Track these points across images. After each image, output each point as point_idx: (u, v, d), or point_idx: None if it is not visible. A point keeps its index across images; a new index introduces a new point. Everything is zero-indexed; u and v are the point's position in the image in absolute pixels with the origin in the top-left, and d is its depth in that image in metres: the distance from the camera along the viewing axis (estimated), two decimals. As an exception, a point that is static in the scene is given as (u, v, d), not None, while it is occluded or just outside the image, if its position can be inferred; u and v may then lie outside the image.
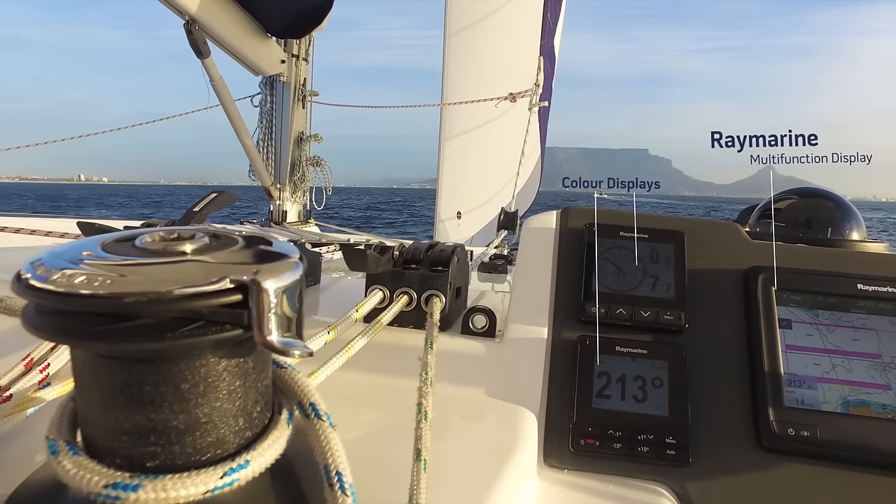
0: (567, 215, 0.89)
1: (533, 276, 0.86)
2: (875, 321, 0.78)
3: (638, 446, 0.72)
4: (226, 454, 0.35)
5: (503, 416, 0.74)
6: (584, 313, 0.80)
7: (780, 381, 0.75)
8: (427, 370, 0.68)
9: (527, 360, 0.81)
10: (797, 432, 0.71)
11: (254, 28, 2.69)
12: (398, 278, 0.85)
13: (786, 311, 0.79)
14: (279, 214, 3.25)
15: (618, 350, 0.78)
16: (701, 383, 0.76)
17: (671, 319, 0.79)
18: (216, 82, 2.65)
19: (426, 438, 0.58)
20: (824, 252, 0.86)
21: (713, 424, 0.74)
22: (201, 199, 1.05)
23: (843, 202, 1.06)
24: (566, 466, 0.73)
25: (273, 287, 0.32)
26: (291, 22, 2.84)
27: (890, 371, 0.75)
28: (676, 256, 0.83)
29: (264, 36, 2.81)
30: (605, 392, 0.75)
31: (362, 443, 0.67)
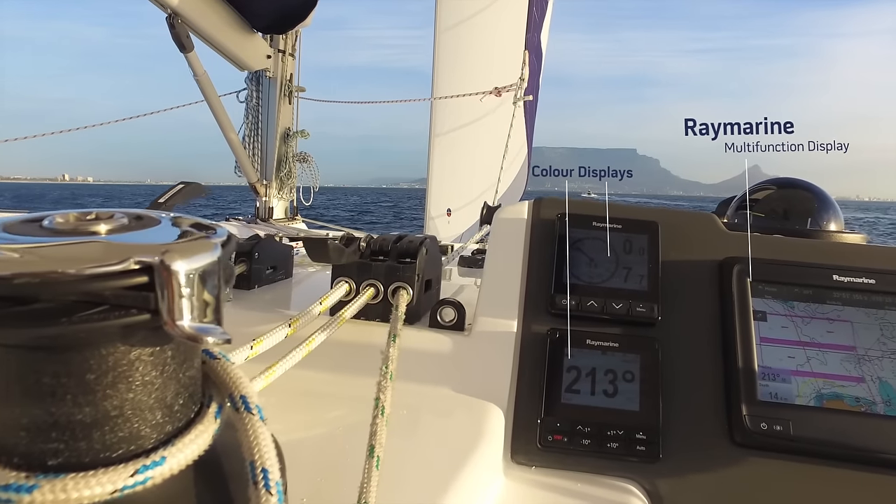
0: (539, 206, 0.87)
1: (503, 268, 0.84)
2: (850, 312, 0.77)
3: (607, 442, 0.70)
4: (140, 450, 0.32)
5: (468, 411, 0.72)
6: (555, 306, 0.78)
7: (754, 374, 0.73)
8: (388, 364, 0.66)
9: (495, 354, 0.79)
10: (770, 427, 0.70)
11: (238, 23, 2.66)
12: (364, 270, 0.83)
13: (761, 302, 0.78)
14: (265, 211, 3.22)
15: (588, 343, 0.76)
16: (673, 377, 0.75)
17: (644, 312, 0.77)
18: (200, 77, 2.62)
19: (381, 434, 0.56)
20: (800, 243, 0.85)
21: (685, 419, 0.72)
22: (168, 190, 1.03)
23: (821, 193, 1.05)
24: (534, 463, 0.71)
25: (184, 269, 0.30)
26: (276, 17, 2.81)
27: (864, 363, 0.74)
28: (650, 247, 0.81)
29: (249, 31, 2.78)
30: (574, 387, 0.73)
31: (318, 439, 0.65)
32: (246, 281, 1.01)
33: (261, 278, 1.05)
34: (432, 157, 4.39)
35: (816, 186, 1.06)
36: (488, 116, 3.68)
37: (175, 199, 1.05)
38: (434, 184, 4.51)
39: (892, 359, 0.74)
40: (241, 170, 3.15)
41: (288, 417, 0.69)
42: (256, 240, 1.04)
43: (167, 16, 2.32)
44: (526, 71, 2.50)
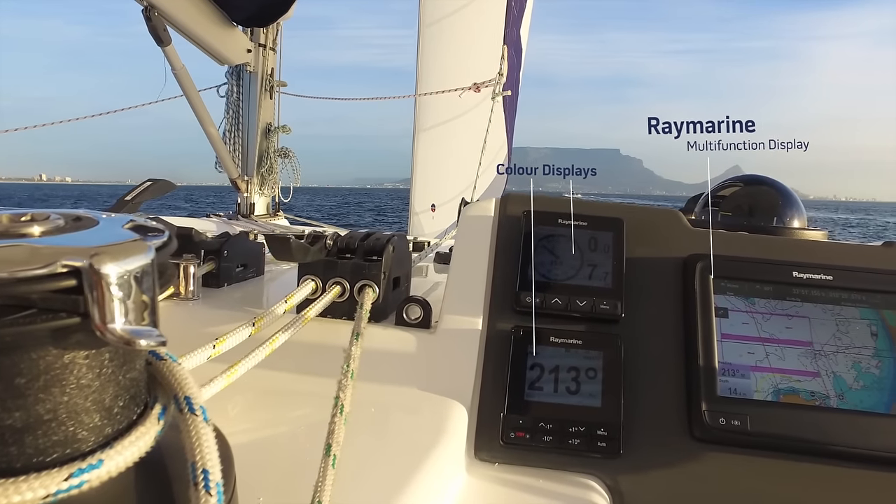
0: (506, 202, 0.88)
1: (469, 266, 0.85)
2: (808, 309, 0.79)
3: (569, 438, 0.71)
4: (77, 454, 0.32)
5: (431, 409, 0.72)
6: (519, 303, 0.79)
7: (714, 370, 0.74)
8: (349, 362, 0.66)
9: (460, 351, 0.79)
10: (728, 422, 0.71)
11: (217, 16, 2.62)
12: (330, 268, 0.83)
13: (723, 299, 0.79)
14: (247, 207, 3.20)
15: (552, 341, 0.76)
16: (636, 373, 0.76)
17: (607, 309, 0.78)
18: (178, 71, 2.58)
19: (339, 433, 0.56)
20: (763, 240, 0.86)
21: (647, 415, 0.74)
22: (135, 188, 1.02)
23: (785, 190, 1.07)
24: (497, 460, 0.71)
25: (115, 271, 0.29)
26: (256, 10, 2.78)
27: (820, 358, 0.76)
28: (615, 244, 0.82)
29: (229, 24, 2.74)
30: (537, 384, 0.74)
31: (280, 437, 0.65)
32: (215, 279, 1.01)
33: (230, 276, 1.04)
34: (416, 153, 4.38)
35: (781, 184, 1.08)
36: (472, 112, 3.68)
37: (142, 196, 1.04)
38: (418, 179, 4.50)
39: (845, 353, 0.76)
40: (221, 165, 3.11)
41: (251, 416, 0.69)
42: (226, 238, 1.04)
43: (143, 8, 2.28)
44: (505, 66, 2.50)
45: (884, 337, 0.76)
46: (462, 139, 4.15)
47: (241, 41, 2.93)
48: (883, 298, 0.78)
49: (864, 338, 0.76)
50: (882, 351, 0.75)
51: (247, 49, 2.98)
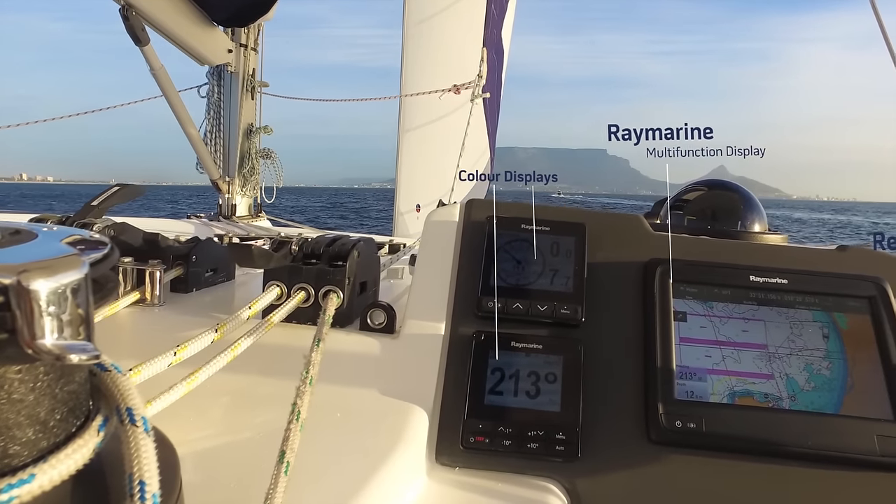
0: (471, 208, 0.89)
1: (432, 271, 0.85)
2: (764, 312, 0.80)
3: (528, 443, 0.72)
4: (7, 469, 0.32)
5: (392, 414, 0.73)
6: (481, 308, 0.79)
7: (672, 374, 0.76)
8: (309, 368, 0.67)
9: (423, 356, 0.80)
10: (684, 424, 0.73)
11: (197, 15, 2.60)
12: (295, 273, 0.83)
13: (682, 303, 0.81)
14: (228, 208, 3.18)
15: (513, 345, 0.77)
16: (596, 378, 0.77)
17: (568, 313, 0.79)
18: (157, 71, 2.56)
19: (294, 440, 0.57)
20: (722, 244, 0.88)
21: (605, 418, 0.75)
22: (102, 193, 1.01)
23: (747, 194, 1.09)
24: (457, 464, 0.72)
25: (46, 287, 0.30)
26: (237, 10, 2.76)
27: (774, 361, 0.77)
28: (577, 249, 0.83)
29: (209, 24, 2.72)
30: (497, 388, 0.75)
31: (238, 444, 0.66)
32: (183, 284, 1.01)
33: (199, 281, 1.04)
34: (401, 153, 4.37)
35: (743, 188, 1.10)
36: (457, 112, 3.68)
37: (109, 201, 1.04)
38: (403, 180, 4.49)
39: (798, 356, 0.77)
40: (202, 166, 3.10)
41: (210, 423, 0.70)
42: (195, 242, 1.03)
43: (120, 7, 2.26)
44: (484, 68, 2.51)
45: (834, 339, 0.78)
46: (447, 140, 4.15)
47: (221, 41, 2.91)
48: (834, 301, 0.80)
49: (816, 340, 0.78)
50: (832, 353, 0.77)
51: (227, 49, 2.96)
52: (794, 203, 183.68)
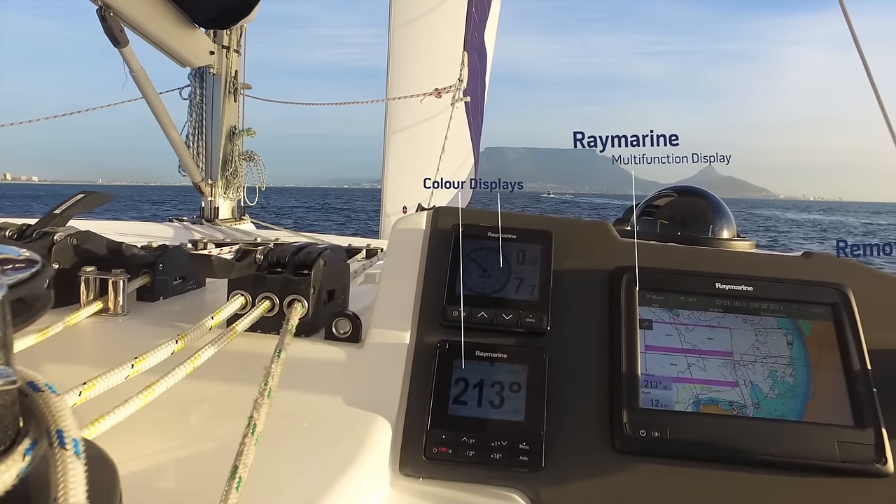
0: (437, 215, 0.88)
1: (398, 279, 0.85)
2: (729, 319, 0.80)
3: (491, 453, 0.71)
4: None
5: (354, 425, 0.72)
6: (446, 317, 0.79)
7: (637, 382, 0.75)
8: (268, 380, 0.66)
9: (387, 366, 0.79)
10: (648, 433, 0.72)
11: (177, 17, 2.58)
12: (260, 283, 0.82)
13: (648, 311, 0.80)
14: (211, 211, 3.15)
15: (477, 355, 0.77)
16: (561, 386, 0.76)
17: (533, 322, 0.78)
18: (136, 73, 2.53)
19: (248, 454, 0.56)
20: (689, 251, 0.88)
21: (570, 428, 0.74)
22: (66, 200, 0.99)
23: (716, 200, 1.09)
24: (421, 475, 0.71)
25: None
26: (218, 12, 2.73)
27: (739, 368, 0.77)
28: (543, 257, 0.83)
29: (190, 26, 2.70)
30: (461, 398, 0.74)
31: (190, 459, 0.64)
32: (149, 293, 0.99)
33: (167, 289, 1.02)
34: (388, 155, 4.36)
35: (713, 195, 1.10)
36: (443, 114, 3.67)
37: (73, 209, 1.02)
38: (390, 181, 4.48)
39: (763, 363, 0.77)
40: (184, 169, 3.07)
41: (168, 437, 0.68)
42: (162, 250, 1.02)
43: (98, 8, 2.23)
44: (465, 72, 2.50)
45: (798, 346, 0.78)
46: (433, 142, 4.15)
47: (203, 43, 2.89)
48: (799, 308, 0.80)
49: (781, 347, 0.78)
50: (796, 359, 0.77)
51: (209, 51, 2.94)
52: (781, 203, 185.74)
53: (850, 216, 66.74)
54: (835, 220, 52.64)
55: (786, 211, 78.59)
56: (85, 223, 2.65)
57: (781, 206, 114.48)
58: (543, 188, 61.47)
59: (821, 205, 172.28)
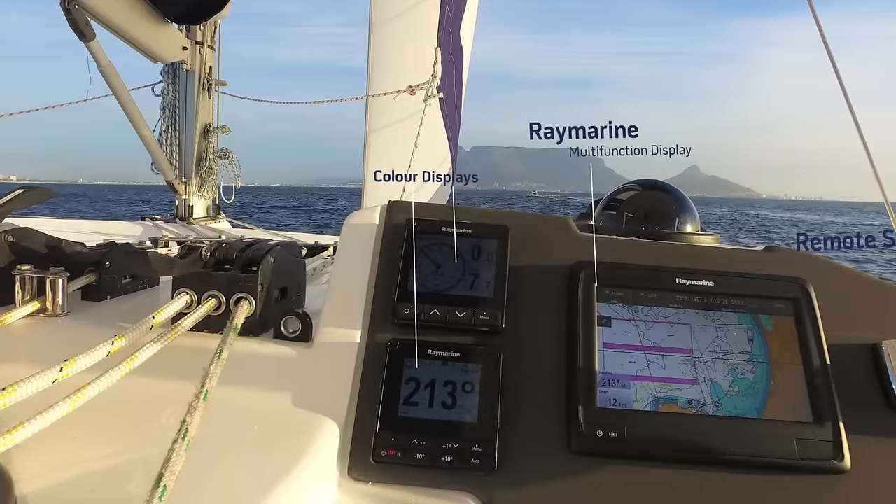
0: (392, 210, 0.85)
1: (349, 276, 0.81)
2: (690, 315, 0.78)
3: (442, 455, 0.68)
4: None
5: (299, 427, 0.69)
6: (397, 315, 0.76)
7: (594, 381, 0.73)
8: (205, 382, 0.62)
9: (337, 366, 0.76)
10: (605, 433, 0.70)
11: (147, 11, 2.52)
12: (205, 280, 0.79)
13: (606, 307, 0.78)
14: (185, 210, 3.08)
15: (429, 354, 0.74)
16: (516, 386, 0.74)
17: (487, 320, 0.76)
18: (104, 68, 2.47)
19: (175, 461, 0.52)
20: (650, 245, 0.86)
21: (525, 429, 0.72)
22: (4, 196, 0.95)
23: (679, 194, 1.07)
24: (370, 479, 0.68)
25: None
26: (190, 7, 2.68)
27: (699, 365, 0.75)
28: (499, 253, 0.80)
29: (161, 20, 2.64)
30: (412, 399, 0.72)
31: (117, 469, 0.61)
32: (95, 292, 0.95)
33: (115, 289, 0.98)
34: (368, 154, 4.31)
35: (677, 189, 1.09)
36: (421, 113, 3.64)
37: (10, 205, 0.97)
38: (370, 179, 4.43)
39: (723, 360, 0.75)
40: (157, 167, 3.00)
41: (97, 445, 0.64)
42: (108, 247, 0.97)
43: (61, 0, 2.17)
44: (438, 68, 2.47)
45: (759, 342, 0.77)
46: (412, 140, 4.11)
47: (174, 38, 2.82)
48: (760, 303, 0.79)
49: (741, 343, 0.76)
50: (757, 356, 0.76)
51: (182, 47, 2.87)
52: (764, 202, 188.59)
53: (842, 216, 67.15)
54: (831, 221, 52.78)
55: (765, 209, 78.94)
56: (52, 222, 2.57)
57: (764, 206, 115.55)
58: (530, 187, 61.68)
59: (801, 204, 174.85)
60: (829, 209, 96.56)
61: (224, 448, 0.64)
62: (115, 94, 2.59)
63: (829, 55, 1.36)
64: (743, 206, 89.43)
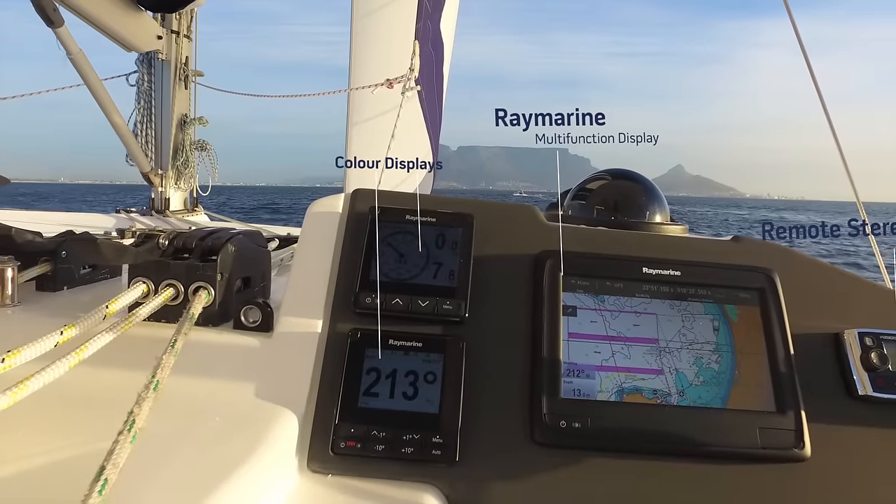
0: (356, 198, 0.83)
1: (311, 265, 0.80)
2: (656, 305, 0.78)
3: (402, 447, 0.67)
4: None
5: (258, 418, 0.67)
6: (359, 304, 0.74)
7: (558, 372, 0.72)
8: (156, 372, 0.60)
9: (297, 356, 0.74)
10: (569, 424, 0.69)
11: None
12: (163, 269, 0.76)
13: (572, 297, 0.77)
14: (161, 202, 3.03)
15: (391, 344, 0.72)
16: (479, 377, 0.73)
17: (450, 309, 0.74)
18: (74, 56, 2.40)
19: (119, 454, 0.50)
20: (617, 234, 0.85)
21: (488, 419, 0.71)
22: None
23: (649, 184, 1.07)
24: (330, 471, 0.67)
25: None
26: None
27: (664, 355, 0.75)
28: (463, 241, 0.79)
29: (135, 8, 2.57)
30: (373, 390, 0.70)
31: (62, 465, 0.58)
32: (51, 282, 0.91)
33: (72, 279, 0.95)
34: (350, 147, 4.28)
35: (646, 179, 1.08)
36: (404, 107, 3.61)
37: None
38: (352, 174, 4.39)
39: (689, 350, 0.75)
40: (132, 158, 2.94)
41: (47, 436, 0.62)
42: (65, 237, 0.94)
43: (26, -15, 2.10)
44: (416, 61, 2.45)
45: (724, 332, 0.76)
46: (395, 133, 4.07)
47: (149, 27, 2.76)
48: (726, 293, 0.78)
49: (707, 333, 0.76)
50: (722, 346, 0.75)
51: (157, 35, 2.81)
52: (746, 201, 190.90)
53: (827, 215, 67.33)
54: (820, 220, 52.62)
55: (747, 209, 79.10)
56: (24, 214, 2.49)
57: (748, 205, 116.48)
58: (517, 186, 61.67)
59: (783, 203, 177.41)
60: (811, 209, 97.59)
61: (177, 440, 0.62)
62: (86, 84, 2.52)
63: (804, 54, 1.37)
64: (727, 206, 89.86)
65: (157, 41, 2.84)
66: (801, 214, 62.68)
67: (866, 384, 0.74)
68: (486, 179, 77.43)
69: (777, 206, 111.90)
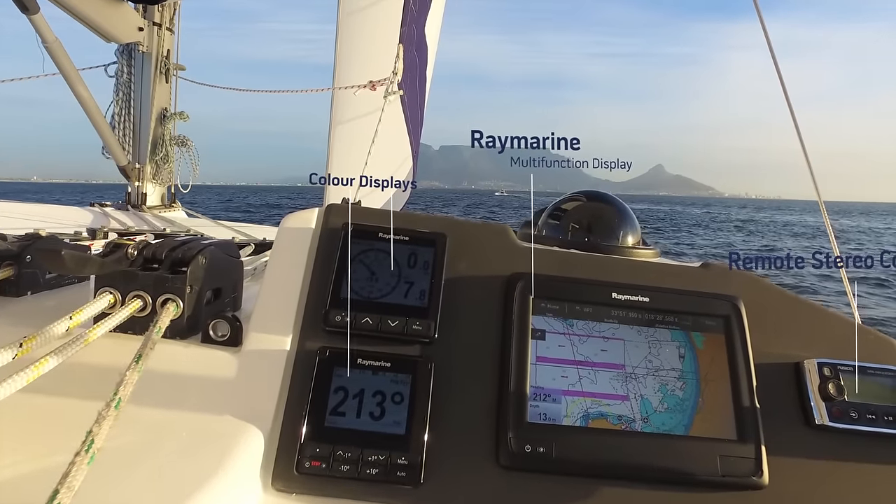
0: (329, 213, 0.83)
1: (282, 280, 0.79)
2: (624, 331, 0.79)
3: (367, 468, 0.67)
4: None
5: (222, 436, 0.66)
6: (329, 322, 0.74)
7: (525, 396, 0.72)
8: (119, 389, 0.59)
9: (265, 373, 0.73)
10: (534, 448, 0.70)
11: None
12: (131, 280, 0.75)
13: (541, 320, 0.78)
14: (137, 197, 2.97)
15: (359, 363, 0.72)
16: (446, 398, 0.73)
17: (420, 329, 0.74)
18: (50, 44, 2.34)
19: (76, 475, 0.49)
20: (588, 258, 0.86)
21: (454, 442, 0.71)
22: None
23: (622, 206, 1.08)
24: (294, 490, 0.66)
25: None
26: (146, -15, 2.57)
27: (630, 381, 0.76)
28: (435, 261, 0.79)
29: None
30: (339, 409, 0.70)
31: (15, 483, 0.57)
32: (13, 287, 0.89)
33: (37, 284, 0.92)
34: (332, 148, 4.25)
35: (619, 201, 1.10)
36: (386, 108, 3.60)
37: None
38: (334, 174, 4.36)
39: (654, 376, 0.76)
40: (108, 151, 2.88)
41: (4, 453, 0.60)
42: (31, 240, 0.92)
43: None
44: (400, 65, 2.44)
45: (690, 359, 0.78)
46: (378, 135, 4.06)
47: (130, 18, 2.71)
48: (693, 320, 0.80)
49: (673, 360, 0.77)
50: (687, 373, 0.77)
51: (138, 27, 2.77)
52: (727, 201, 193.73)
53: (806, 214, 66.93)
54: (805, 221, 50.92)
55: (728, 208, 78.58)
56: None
57: (729, 204, 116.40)
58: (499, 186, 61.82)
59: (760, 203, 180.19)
60: (793, 208, 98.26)
61: (138, 458, 0.61)
62: (61, 73, 2.46)
63: (773, 56, 1.40)
64: (706, 206, 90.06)
65: (137, 32, 2.79)
66: (789, 215, 62.88)
67: (823, 414, 0.76)
68: (468, 179, 77.51)
69: (760, 206, 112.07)
